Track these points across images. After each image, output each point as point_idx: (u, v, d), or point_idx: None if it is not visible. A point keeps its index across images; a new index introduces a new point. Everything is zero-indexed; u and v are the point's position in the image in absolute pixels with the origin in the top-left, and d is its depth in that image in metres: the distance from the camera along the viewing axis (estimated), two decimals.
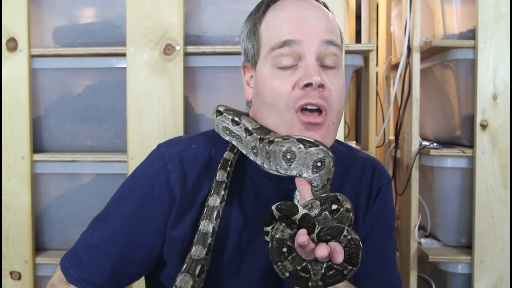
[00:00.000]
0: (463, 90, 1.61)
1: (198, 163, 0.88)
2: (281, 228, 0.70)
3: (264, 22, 0.86)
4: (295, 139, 0.77)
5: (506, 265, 1.54)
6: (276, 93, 0.82)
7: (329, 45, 0.82)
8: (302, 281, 0.70)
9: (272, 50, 0.83)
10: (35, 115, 1.60)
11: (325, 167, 0.76)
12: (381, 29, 2.11)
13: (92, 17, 1.64)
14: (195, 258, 0.80)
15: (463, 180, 1.61)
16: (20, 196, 1.53)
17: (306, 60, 0.81)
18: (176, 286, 0.78)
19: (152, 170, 0.88)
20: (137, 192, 0.87)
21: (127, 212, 0.86)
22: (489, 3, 1.53)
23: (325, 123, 0.82)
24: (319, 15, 0.84)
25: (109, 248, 0.85)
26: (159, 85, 1.49)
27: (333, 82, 0.82)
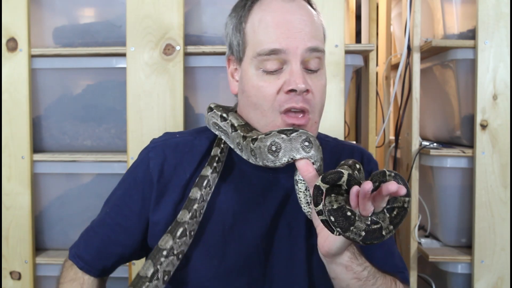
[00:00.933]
0: (463, 90, 1.61)
1: (178, 149, 0.95)
2: (333, 198, 0.72)
3: (250, 22, 0.88)
4: (276, 132, 0.82)
5: (506, 265, 1.54)
6: (261, 94, 0.86)
7: (313, 52, 0.86)
8: (377, 233, 0.72)
9: (258, 55, 0.86)
10: (35, 115, 1.60)
11: (313, 144, 0.81)
12: (381, 29, 2.11)
13: (92, 17, 1.64)
14: (178, 220, 0.84)
15: (463, 180, 1.61)
16: (20, 196, 1.53)
17: (291, 66, 0.85)
18: (158, 245, 0.82)
19: (138, 159, 0.97)
20: (126, 179, 0.98)
21: (116, 197, 0.97)
22: (489, 3, 1.53)
23: (308, 123, 0.86)
24: (303, 18, 0.87)
25: (99, 229, 0.96)
26: (159, 85, 1.49)
27: (316, 84, 0.87)
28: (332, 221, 0.71)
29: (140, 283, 0.77)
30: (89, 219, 1.02)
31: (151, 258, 0.81)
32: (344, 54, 1.49)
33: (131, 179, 0.96)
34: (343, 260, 0.80)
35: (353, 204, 0.71)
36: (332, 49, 1.48)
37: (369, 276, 0.83)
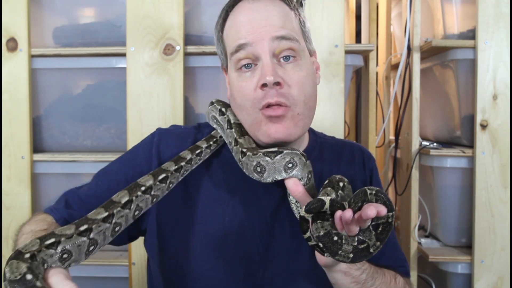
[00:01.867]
0: (463, 90, 1.61)
1: (181, 139, 0.97)
2: (319, 225, 0.74)
3: (225, 29, 0.93)
4: (261, 153, 0.83)
5: (506, 265, 1.54)
6: (242, 94, 0.88)
7: (281, 40, 0.86)
8: (364, 252, 0.74)
9: (231, 55, 0.89)
10: (35, 115, 1.60)
11: (298, 164, 0.83)
12: (381, 29, 2.11)
13: (92, 17, 1.64)
14: (162, 168, 0.86)
15: (463, 180, 1.61)
16: (20, 196, 1.53)
17: (261, 60, 0.86)
18: (137, 181, 0.82)
19: (142, 142, 1.00)
20: (124, 157, 0.99)
21: (110, 171, 0.98)
22: (489, 3, 1.53)
23: (287, 114, 0.87)
24: (269, 14, 0.88)
25: (88, 198, 0.93)
26: (159, 85, 1.49)
27: (291, 75, 0.87)
28: (320, 246, 0.74)
29: (112, 206, 0.76)
30: None
31: (127, 189, 0.80)
32: (344, 54, 1.49)
33: (130, 157, 0.98)
34: (341, 267, 0.84)
35: (338, 227, 0.74)
36: (332, 49, 1.48)
37: (367, 278, 0.87)
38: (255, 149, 0.86)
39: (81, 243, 0.70)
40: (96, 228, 0.72)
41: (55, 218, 0.89)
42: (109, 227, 0.74)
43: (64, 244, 0.67)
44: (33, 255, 0.64)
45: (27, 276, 0.58)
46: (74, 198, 0.94)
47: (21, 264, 0.60)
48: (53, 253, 0.66)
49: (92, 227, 0.71)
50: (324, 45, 1.47)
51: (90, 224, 0.71)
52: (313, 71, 0.93)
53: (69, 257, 0.68)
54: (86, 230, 0.70)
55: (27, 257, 0.63)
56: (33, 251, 0.65)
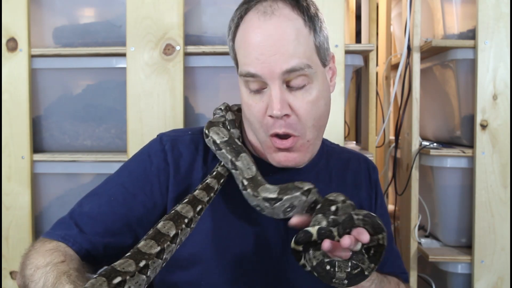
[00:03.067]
0: (463, 90, 1.61)
1: (192, 147, 0.93)
2: (312, 255, 0.75)
3: (236, 40, 0.89)
4: (261, 198, 0.82)
5: (506, 265, 1.54)
6: (251, 113, 0.87)
7: (291, 73, 0.82)
8: (359, 276, 0.75)
9: (241, 75, 0.87)
10: (35, 115, 1.60)
11: (297, 206, 0.82)
12: (381, 29, 2.11)
13: (92, 17, 1.64)
14: (197, 198, 0.82)
15: (463, 180, 1.61)
16: (20, 196, 1.53)
17: (270, 89, 0.83)
18: (178, 211, 0.78)
19: (151, 150, 0.93)
20: (134, 168, 0.91)
21: (121, 185, 0.88)
22: (489, 3, 1.53)
23: (296, 144, 0.86)
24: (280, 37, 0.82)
25: (101, 216, 0.84)
26: (159, 85, 1.49)
27: (301, 102, 0.84)
28: (316, 275, 0.75)
29: (162, 240, 0.71)
30: None
31: (173, 220, 0.76)
32: (344, 54, 1.48)
33: (143, 168, 0.90)
34: None
35: (330, 254, 0.74)
36: (332, 49, 1.47)
37: None
38: (256, 184, 0.83)
39: (141, 282, 0.67)
40: (151, 264, 0.68)
41: (75, 249, 0.81)
42: (160, 264, 0.71)
43: (129, 283, 0.64)
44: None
45: None
46: (84, 219, 0.84)
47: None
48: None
49: (149, 263, 0.68)
50: None
51: (147, 260, 0.68)
52: (326, 86, 0.89)
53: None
54: (145, 266, 0.67)
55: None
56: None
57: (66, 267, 0.73)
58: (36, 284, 0.72)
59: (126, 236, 0.85)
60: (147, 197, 0.87)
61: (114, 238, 0.84)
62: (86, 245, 0.81)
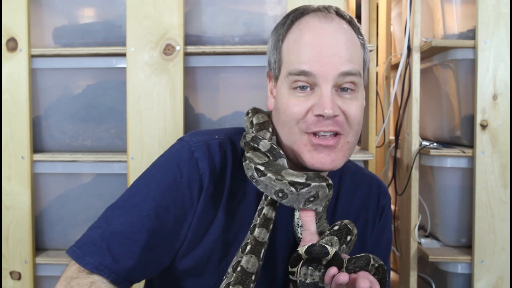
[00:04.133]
0: (463, 90, 1.61)
1: (222, 152, 0.88)
2: (309, 272, 0.72)
3: (287, 41, 0.88)
4: (287, 182, 0.77)
5: (506, 265, 1.54)
6: (290, 113, 0.84)
7: (346, 76, 0.83)
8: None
9: (289, 74, 0.85)
10: (35, 115, 1.60)
11: (319, 197, 0.79)
12: (381, 29, 2.11)
13: (92, 17, 1.64)
14: (259, 240, 0.78)
15: (463, 180, 1.61)
16: (20, 196, 1.53)
17: (321, 89, 0.82)
18: (243, 267, 0.74)
19: (179, 158, 0.86)
20: (163, 178, 0.85)
21: (153, 198, 0.83)
22: (489, 3, 1.53)
23: (338, 143, 0.84)
24: (339, 41, 0.84)
25: (135, 234, 0.80)
26: (159, 85, 1.49)
27: (349, 106, 0.84)
28: None
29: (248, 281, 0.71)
30: (89, 219, 0.97)
31: (241, 283, 0.73)
32: None
33: (172, 179, 0.84)
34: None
35: (327, 281, 0.71)
36: None
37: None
38: (277, 168, 0.79)
39: None
40: None
41: (111, 280, 0.78)
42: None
43: None
44: None
45: None
46: (117, 241, 0.80)
47: None
48: None
49: None
50: None
51: None
52: (363, 102, 0.90)
53: None
54: None
55: None
56: None
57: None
58: None
59: (161, 251, 0.83)
60: (178, 209, 0.84)
61: (150, 256, 0.81)
62: (122, 274, 0.79)
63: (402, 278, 1.79)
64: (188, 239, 0.85)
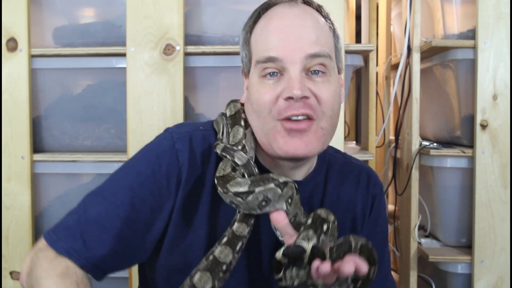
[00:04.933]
0: (463, 90, 1.61)
1: (206, 144, 0.87)
2: (294, 273, 0.70)
3: (254, 33, 0.87)
4: (232, 194, 0.77)
5: (506, 265, 1.54)
6: (261, 101, 0.83)
7: (314, 58, 0.82)
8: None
9: (258, 63, 0.84)
10: (35, 115, 1.60)
11: (272, 200, 0.77)
12: (381, 29, 2.11)
13: (92, 17, 1.64)
14: (236, 234, 0.78)
15: (463, 180, 1.61)
16: (20, 196, 1.53)
17: (289, 73, 0.81)
18: (216, 257, 0.75)
19: (160, 149, 0.86)
20: (142, 169, 0.85)
21: (130, 188, 0.83)
22: (489, 3, 1.53)
23: (310, 128, 0.81)
24: (304, 24, 0.83)
25: (109, 222, 0.80)
26: (159, 85, 1.49)
27: (321, 89, 0.82)
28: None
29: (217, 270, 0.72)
30: None
31: (209, 270, 0.73)
32: (344, 54, 1.48)
33: (151, 170, 0.84)
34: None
35: (314, 276, 0.70)
36: None
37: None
38: (225, 180, 0.79)
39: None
40: None
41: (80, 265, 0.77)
42: None
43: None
44: None
45: None
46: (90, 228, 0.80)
47: None
48: None
49: None
50: None
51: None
52: (340, 89, 0.88)
53: None
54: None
55: None
56: None
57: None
58: None
59: (134, 241, 0.82)
60: (154, 200, 0.83)
61: (122, 246, 0.81)
62: (92, 260, 0.78)
63: (402, 278, 1.79)
64: (171, 234, 0.85)
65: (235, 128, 0.87)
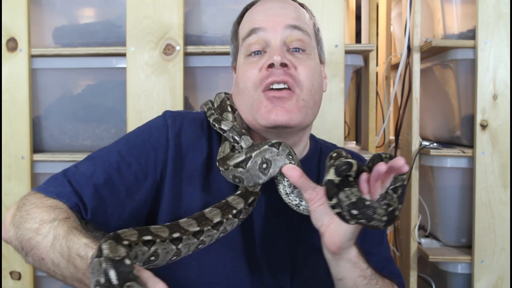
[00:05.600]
0: (463, 90, 1.61)
1: (196, 124, 0.92)
2: (349, 192, 0.71)
3: (241, 23, 0.95)
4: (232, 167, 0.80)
5: (506, 265, 1.54)
6: (246, 77, 0.88)
7: (293, 30, 0.88)
8: (393, 214, 0.72)
9: (243, 41, 0.90)
10: (35, 115, 1.60)
11: (273, 160, 0.79)
12: (381, 29, 2.11)
13: (92, 17, 1.64)
14: (249, 190, 0.81)
15: (463, 180, 1.61)
16: (20, 196, 1.52)
17: (271, 45, 0.87)
18: (228, 201, 0.78)
19: (153, 123, 0.92)
20: (133, 138, 0.90)
21: (118, 152, 0.87)
22: (489, 3, 1.53)
23: (292, 97, 0.85)
24: (286, 6, 0.91)
25: (94, 178, 0.83)
26: (159, 85, 1.49)
27: (301, 62, 0.87)
28: (355, 214, 0.70)
29: (205, 223, 0.73)
30: None
31: (220, 208, 0.77)
32: (344, 54, 1.49)
33: (141, 139, 0.89)
34: (351, 256, 0.80)
35: (365, 191, 0.71)
36: (332, 49, 1.48)
37: (372, 275, 0.84)
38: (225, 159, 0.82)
39: (169, 250, 0.68)
40: (185, 240, 0.70)
41: (69, 206, 0.79)
42: (195, 243, 0.73)
43: (157, 246, 0.66)
44: (130, 245, 0.62)
45: (125, 260, 0.56)
46: (77, 178, 0.83)
47: (120, 248, 0.58)
48: (146, 251, 0.65)
49: (183, 238, 0.70)
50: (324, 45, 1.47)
51: (182, 234, 0.70)
52: (321, 72, 0.93)
53: (155, 260, 0.67)
54: (178, 239, 0.69)
55: (125, 243, 0.61)
56: (132, 241, 0.63)
57: (74, 223, 0.74)
58: (44, 237, 0.72)
59: (112, 203, 0.84)
60: (140, 167, 0.86)
61: (100, 202, 0.82)
62: (80, 204, 0.81)
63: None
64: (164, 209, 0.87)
65: (224, 115, 0.91)
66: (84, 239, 0.68)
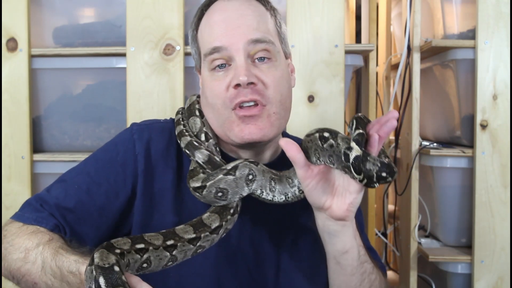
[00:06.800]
0: (463, 90, 1.61)
1: (165, 135, 0.92)
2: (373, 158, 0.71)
3: (200, 29, 0.92)
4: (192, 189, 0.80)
5: (506, 265, 1.54)
6: (213, 94, 0.87)
7: (256, 43, 0.85)
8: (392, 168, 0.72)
9: (205, 56, 0.88)
10: (35, 115, 1.60)
11: (229, 188, 0.79)
12: (381, 29, 2.11)
13: (92, 17, 1.64)
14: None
15: (463, 180, 1.61)
16: (20, 196, 1.53)
17: (235, 61, 0.85)
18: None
19: (119, 139, 0.92)
20: (100, 156, 0.92)
21: (87, 173, 0.88)
22: (489, 3, 1.53)
23: (262, 114, 0.85)
24: (244, 13, 0.87)
25: (65, 202, 0.85)
26: (159, 85, 1.49)
27: (267, 74, 0.86)
28: (384, 176, 0.71)
29: (201, 230, 0.74)
30: None
31: (218, 212, 0.78)
32: (344, 54, 1.48)
33: (109, 158, 0.90)
34: (354, 225, 0.83)
35: (375, 151, 0.72)
36: (332, 49, 1.48)
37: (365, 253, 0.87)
38: (190, 177, 0.82)
39: (163, 257, 0.70)
40: (180, 246, 0.71)
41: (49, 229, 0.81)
42: (192, 249, 0.74)
43: (150, 253, 0.68)
44: (123, 253, 0.65)
45: (115, 267, 0.59)
46: (50, 203, 0.85)
47: (111, 255, 0.62)
48: (138, 258, 0.67)
49: (178, 245, 0.71)
50: (324, 45, 1.47)
51: (177, 241, 0.71)
52: (288, 73, 0.92)
53: (147, 267, 0.69)
54: (172, 246, 0.71)
55: (117, 252, 0.64)
56: (124, 249, 0.65)
57: (58, 243, 0.76)
58: (33, 263, 0.74)
59: (86, 224, 0.85)
60: (110, 186, 0.87)
61: (73, 225, 0.84)
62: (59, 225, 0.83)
63: (402, 278, 1.79)
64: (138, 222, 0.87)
65: (191, 119, 0.91)
66: (73, 256, 0.70)
